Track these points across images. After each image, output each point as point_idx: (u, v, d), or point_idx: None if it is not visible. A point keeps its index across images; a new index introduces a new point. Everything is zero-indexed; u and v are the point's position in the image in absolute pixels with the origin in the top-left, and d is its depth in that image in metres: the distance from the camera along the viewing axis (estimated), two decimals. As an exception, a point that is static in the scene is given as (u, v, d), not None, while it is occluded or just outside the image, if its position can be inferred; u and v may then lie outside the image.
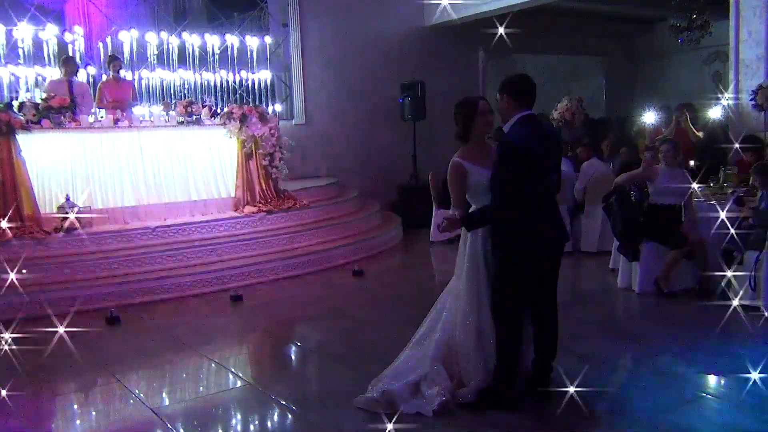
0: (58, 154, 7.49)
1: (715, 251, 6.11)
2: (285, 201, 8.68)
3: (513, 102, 3.90)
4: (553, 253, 4.04)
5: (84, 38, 9.81)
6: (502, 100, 3.94)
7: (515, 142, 3.82)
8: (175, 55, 9.51)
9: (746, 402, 3.92)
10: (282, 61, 11.49)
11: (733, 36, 8.76)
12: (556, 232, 4.03)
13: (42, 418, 4.25)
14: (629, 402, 4.01)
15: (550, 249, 4.00)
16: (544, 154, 3.88)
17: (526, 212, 3.83)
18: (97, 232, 7.21)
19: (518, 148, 3.78)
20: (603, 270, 7.45)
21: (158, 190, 8.10)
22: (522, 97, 3.89)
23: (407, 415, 3.85)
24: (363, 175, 11.30)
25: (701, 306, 5.92)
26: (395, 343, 5.20)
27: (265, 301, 6.89)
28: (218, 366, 5.14)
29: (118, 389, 4.62)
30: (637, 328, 5.63)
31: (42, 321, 5.30)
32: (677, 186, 6.36)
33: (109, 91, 8.56)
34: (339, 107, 11.44)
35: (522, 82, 3.93)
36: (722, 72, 12.52)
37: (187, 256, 7.36)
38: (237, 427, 4.12)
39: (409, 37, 12.04)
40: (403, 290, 7.21)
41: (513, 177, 3.76)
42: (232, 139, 8.45)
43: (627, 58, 15.24)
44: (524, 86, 3.92)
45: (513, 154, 3.76)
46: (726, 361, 4.53)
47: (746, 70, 8.50)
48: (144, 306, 6.61)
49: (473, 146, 4.02)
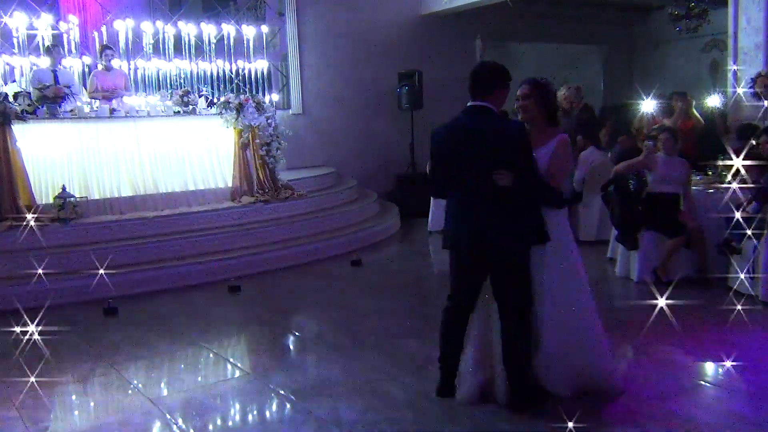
0: (54, 144, 7.45)
1: (713, 240, 6.13)
2: (282, 191, 8.66)
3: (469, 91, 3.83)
4: (464, 247, 3.84)
5: (79, 27, 9.75)
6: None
7: (433, 131, 3.89)
8: (171, 44, 9.44)
9: (744, 390, 3.93)
10: (278, 51, 11.43)
11: (732, 24, 8.72)
12: (472, 227, 3.76)
13: (40, 409, 4.23)
14: (628, 390, 4.01)
15: (461, 242, 3.83)
16: (450, 151, 3.77)
17: (448, 202, 3.90)
18: (93, 223, 7.19)
19: (431, 136, 3.86)
20: (601, 259, 7.45)
21: (155, 180, 8.07)
22: (470, 86, 3.78)
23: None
24: (360, 165, 11.27)
25: (700, 294, 5.94)
26: (393, 333, 5.22)
27: (263, 291, 6.88)
28: (216, 356, 5.14)
29: (116, 380, 4.62)
30: (636, 316, 5.63)
31: (39, 312, 5.27)
32: (676, 175, 6.36)
33: (101, 81, 8.52)
34: (336, 97, 11.39)
35: (473, 71, 3.81)
36: (719, 61, 12.49)
37: (184, 247, 7.34)
38: (236, 417, 4.12)
39: (406, 26, 11.98)
40: (401, 280, 7.20)
41: (430, 163, 3.92)
42: (229, 128, 8.41)
43: (625, 46, 15.20)
44: (473, 75, 3.77)
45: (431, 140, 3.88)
46: (724, 350, 4.53)
47: (745, 58, 8.47)
48: (141, 297, 6.60)
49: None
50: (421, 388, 4.15)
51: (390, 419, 3.78)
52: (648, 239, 6.41)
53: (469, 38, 12.52)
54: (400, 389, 4.21)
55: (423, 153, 10.61)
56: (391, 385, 4.28)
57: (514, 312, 3.79)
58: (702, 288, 6.09)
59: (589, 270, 7.32)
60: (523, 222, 3.75)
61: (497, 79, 3.76)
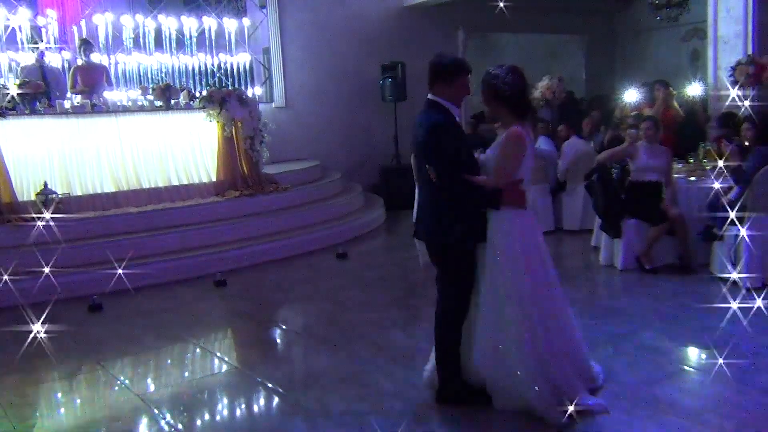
0: (35, 141, 7.37)
1: (695, 228, 6.20)
2: (267, 185, 8.64)
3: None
4: (419, 237, 3.88)
5: (57, 22, 9.61)
6: None
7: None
8: (152, 38, 9.36)
9: (727, 374, 3.98)
10: (260, 44, 11.37)
11: (711, 13, 8.78)
12: (415, 221, 3.87)
13: (26, 407, 4.21)
14: (613, 376, 4.06)
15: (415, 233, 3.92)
16: (410, 145, 3.84)
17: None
18: (76, 219, 7.12)
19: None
20: (585, 248, 7.50)
21: (138, 176, 8.02)
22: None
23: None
24: (345, 157, 11.26)
25: (682, 281, 6.01)
26: (380, 325, 5.24)
27: (249, 285, 6.86)
28: (204, 351, 5.13)
29: (103, 376, 4.60)
30: (620, 304, 5.69)
31: (22, 310, 5.23)
32: (658, 163, 6.42)
33: (82, 76, 8.44)
34: (319, 89, 11.35)
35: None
36: (700, 50, 12.58)
37: (169, 242, 7.30)
38: (224, 411, 4.12)
39: (389, 18, 11.94)
40: (386, 272, 7.22)
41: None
42: (212, 122, 8.36)
43: (606, 36, 15.25)
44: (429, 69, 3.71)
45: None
46: (707, 335, 4.59)
47: (724, 46, 8.53)
48: (126, 293, 6.52)
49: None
50: (408, 379, 4.17)
51: (378, 410, 3.80)
52: (631, 227, 6.46)
53: (452, 29, 12.51)
54: (387, 380, 4.22)
55: (407, 145, 10.65)
56: (378, 375, 4.30)
57: (442, 312, 3.77)
58: (684, 275, 6.16)
59: (573, 258, 7.50)
60: (453, 220, 3.62)
61: (435, 73, 3.66)
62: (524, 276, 3.58)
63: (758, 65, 7.89)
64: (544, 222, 8.38)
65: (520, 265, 3.58)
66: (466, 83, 3.70)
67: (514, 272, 3.57)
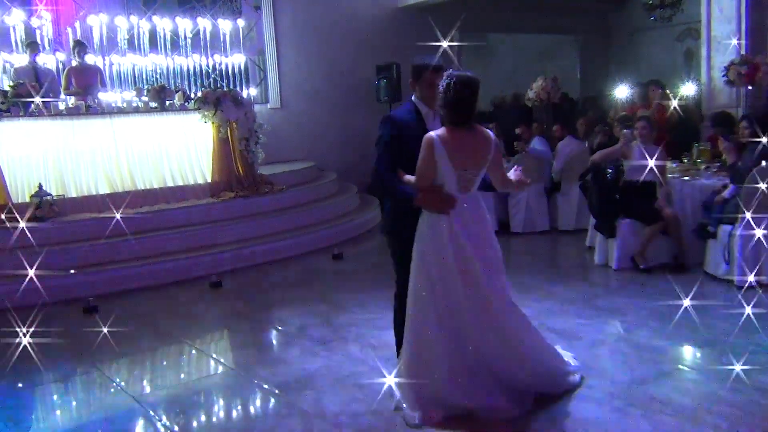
0: (30, 142, 7.36)
1: (689, 227, 6.22)
2: (262, 186, 8.64)
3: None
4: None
5: (52, 23, 9.61)
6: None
7: None
8: (146, 39, 9.35)
9: (722, 373, 4.00)
10: (255, 45, 11.36)
11: (705, 13, 8.82)
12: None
13: (21, 409, 4.20)
14: (608, 375, 4.07)
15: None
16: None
17: None
18: (71, 221, 7.12)
19: None
20: (580, 247, 7.52)
21: (133, 177, 8.01)
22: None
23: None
24: (340, 158, 11.25)
25: (677, 280, 6.02)
26: (375, 326, 5.24)
27: (244, 287, 6.86)
28: (199, 352, 5.13)
29: (98, 378, 4.59)
30: (614, 303, 5.71)
31: (18, 312, 5.22)
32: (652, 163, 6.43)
33: (75, 77, 8.43)
34: (314, 90, 11.36)
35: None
36: (693, 50, 12.62)
37: (164, 243, 7.29)
38: (220, 413, 4.12)
39: (384, 18, 11.97)
40: (382, 273, 7.20)
41: None
42: (207, 123, 8.36)
43: (601, 36, 15.30)
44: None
45: None
46: (702, 334, 4.61)
47: (718, 46, 8.57)
48: (122, 295, 6.55)
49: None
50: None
51: (374, 411, 3.80)
52: (625, 227, 6.48)
53: (447, 30, 12.50)
54: (383, 381, 4.22)
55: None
56: (374, 376, 4.29)
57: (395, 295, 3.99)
58: (679, 274, 6.18)
59: (568, 258, 7.52)
60: (390, 209, 3.97)
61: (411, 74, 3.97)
62: (420, 277, 3.67)
63: (751, 65, 7.92)
64: (540, 222, 8.41)
65: (422, 267, 3.68)
66: (430, 82, 3.82)
67: (414, 271, 3.71)
